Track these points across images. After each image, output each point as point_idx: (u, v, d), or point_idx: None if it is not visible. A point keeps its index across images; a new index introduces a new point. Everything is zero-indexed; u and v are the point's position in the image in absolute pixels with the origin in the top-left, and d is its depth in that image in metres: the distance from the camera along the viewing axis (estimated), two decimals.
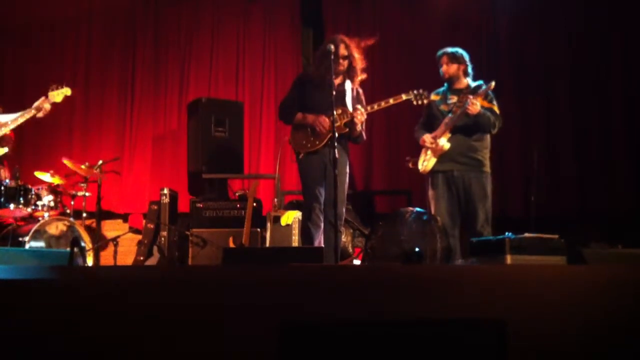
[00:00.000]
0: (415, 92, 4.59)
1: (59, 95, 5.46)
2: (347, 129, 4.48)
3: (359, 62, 4.55)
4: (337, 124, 4.30)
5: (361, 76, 4.61)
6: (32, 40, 7.12)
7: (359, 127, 4.49)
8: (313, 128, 4.47)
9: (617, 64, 6.65)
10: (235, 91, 7.07)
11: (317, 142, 4.45)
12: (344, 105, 4.48)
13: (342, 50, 4.48)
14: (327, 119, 4.39)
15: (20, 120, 5.33)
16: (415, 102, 4.60)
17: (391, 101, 4.57)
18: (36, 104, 5.35)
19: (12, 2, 7.10)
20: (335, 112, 4.25)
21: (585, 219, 6.29)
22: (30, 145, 6.72)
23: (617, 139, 6.55)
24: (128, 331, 2.39)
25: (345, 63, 4.50)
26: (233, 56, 7.13)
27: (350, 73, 4.55)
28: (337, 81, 4.49)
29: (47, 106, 5.39)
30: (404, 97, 4.58)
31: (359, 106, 4.51)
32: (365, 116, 4.49)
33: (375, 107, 4.54)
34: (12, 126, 5.34)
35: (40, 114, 5.38)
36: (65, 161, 5.73)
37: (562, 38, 6.79)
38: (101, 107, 7.07)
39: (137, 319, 2.41)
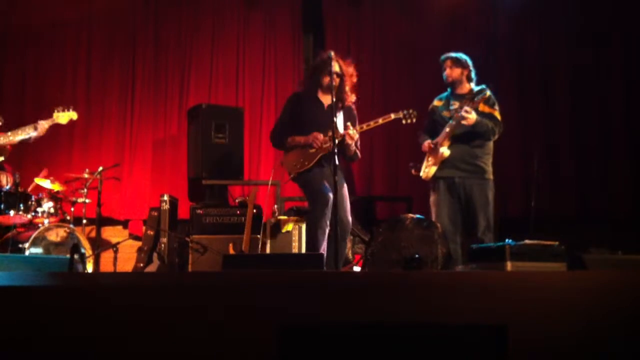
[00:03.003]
0: (404, 111, 4.56)
1: (64, 117, 5.50)
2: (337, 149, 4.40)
3: (350, 82, 4.56)
4: (327, 145, 4.35)
5: (351, 97, 4.61)
6: (33, 41, 7.12)
7: (352, 148, 4.50)
8: (305, 148, 4.48)
9: (617, 64, 6.64)
10: (235, 96, 7.06)
11: (307, 163, 4.46)
12: (335, 126, 4.37)
13: (336, 67, 4.45)
14: (319, 135, 4.42)
15: (20, 137, 5.36)
16: (404, 121, 4.57)
17: (380, 121, 4.55)
18: (42, 123, 5.38)
19: (13, 6, 7.11)
20: (327, 134, 4.31)
21: (585, 221, 6.28)
22: (30, 152, 6.72)
23: (617, 139, 6.54)
24: (128, 335, 2.39)
25: (338, 80, 4.47)
26: (233, 61, 7.12)
27: (340, 94, 4.51)
28: (326, 101, 4.49)
29: (45, 126, 5.41)
30: (392, 116, 4.55)
31: (349, 124, 4.48)
32: (357, 136, 4.48)
33: (364, 127, 4.54)
34: (13, 139, 5.37)
35: (36, 134, 5.40)
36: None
37: (562, 38, 6.78)
38: (101, 113, 7.06)
39: (137, 324, 2.41)
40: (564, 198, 6.49)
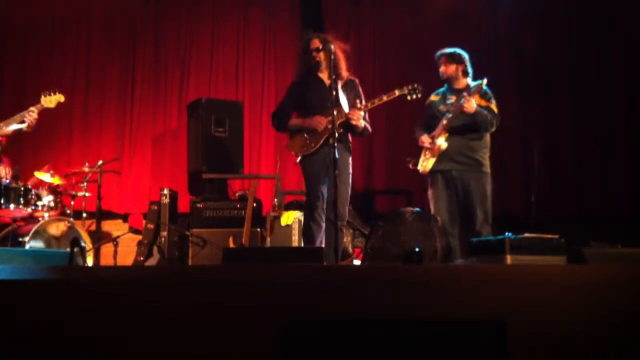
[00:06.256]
0: (409, 87, 4.51)
1: (52, 101, 5.38)
2: (342, 129, 4.41)
3: (341, 55, 4.47)
4: (331, 126, 4.28)
5: (346, 69, 4.54)
6: (33, 41, 7.11)
7: (360, 124, 4.45)
8: (309, 131, 4.46)
9: (617, 64, 6.65)
10: (235, 91, 7.08)
11: (313, 145, 4.44)
12: (338, 105, 4.39)
13: (315, 44, 4.45)
14: (321, 119, 4.39)
15: (12, 127, 5.22)
16: (409, 97, 4.51)
17: (385, 98, 4.49)
18: (22, 113, 5.23)
19: (13, 3, 7.10)
20: (328, 115, 4.25)
21: (585, 219, 6.29)
22: (30, 145, 6.72)
23: (617, 139, 6.55)
24: (127, 331, 2.39)
25: (321, 55, 4.43)
26: (233, 56, 7.14)
27: (336, 70, 4.40)
28: (325, 79, 4.47)
29: (34, 114, 5.22)
30: (397, 92, 4.49)
31: (357, 101, 4.48)
32: (361, 115, 4.44)
33: (369, 105, 4.49)
34: (6, 130, 5.28)
35: (24, 126, 5.23)
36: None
37: (562, 38, 6.79)
38: (101, 107, 7.07)
39: (137, 319, 2.41)
40: (564, 198, 6.51)
